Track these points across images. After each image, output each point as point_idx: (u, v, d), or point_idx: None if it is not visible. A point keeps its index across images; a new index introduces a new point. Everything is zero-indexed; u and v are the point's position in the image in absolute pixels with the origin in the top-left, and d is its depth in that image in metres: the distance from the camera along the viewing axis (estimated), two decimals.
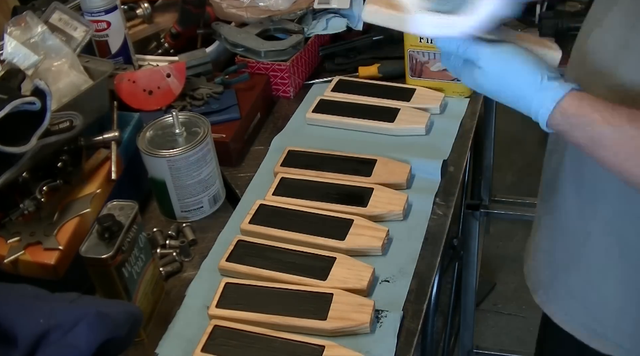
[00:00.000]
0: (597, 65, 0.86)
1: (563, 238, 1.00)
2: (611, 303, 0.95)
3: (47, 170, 1.02)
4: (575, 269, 0.98)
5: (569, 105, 0.73)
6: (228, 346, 0.90)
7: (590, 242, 0.94)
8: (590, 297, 0.98)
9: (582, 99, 0.73)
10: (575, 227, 0.96)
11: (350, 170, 1.17)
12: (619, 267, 0.92)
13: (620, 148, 0.71)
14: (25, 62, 1.10)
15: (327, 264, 1.00)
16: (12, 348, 0.72)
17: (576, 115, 0.73)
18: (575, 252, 0.97)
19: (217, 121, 1.25)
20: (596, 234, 0.92)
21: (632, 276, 0.91)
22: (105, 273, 0.88)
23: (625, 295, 0.93)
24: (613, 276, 0.93)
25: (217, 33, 1.46)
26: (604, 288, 0.95)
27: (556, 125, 0.74)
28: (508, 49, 0.76)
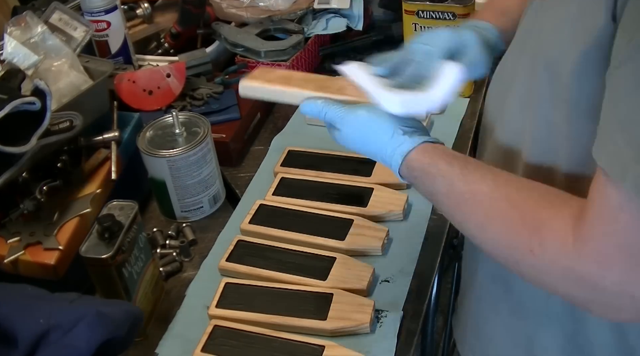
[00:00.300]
0: (487, 117, 0.90)
1: (465, 267, 1.02)
2: (499, 337, 0.94)
3: (47, 170, 1.02)
4: (469, 299, 1.00)
5: (413, 159, 0.77)
6: (228, 346, 0.90)
7: (481, 272, 0.94)
8: (480, 328, 0.98)
9: (425, 153, 0.77)
10: (470, 256, 0.98)
11: (350, 170, 1.17)
12: (503, 300, 0.91)
13: (448, 199, 0.75)
14: (25, 62, 1.10)
15: (327, 264, 1.00)
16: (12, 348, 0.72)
17: (417, 168, 0.76)
18: (469, 282, 0.98)
19: (217, 121, 1.25)
20: (485, 265, 0.93)
21: (515, 311, 0.90)
22: (105, 273, 0.88)
23: (509, 328, 0.92)
24: (497, 311, 0.93)
25: (217, 33, 1.46)
26: (491, 322, 0.95)
27: (405, 177, 0.78)
28: (362, 111, 0.80)
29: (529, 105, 0.78)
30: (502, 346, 0.94)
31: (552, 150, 0.76)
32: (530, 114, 0.78)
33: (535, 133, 0.77)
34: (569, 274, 0.64)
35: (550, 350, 0.87)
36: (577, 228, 0.63)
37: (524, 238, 0.67)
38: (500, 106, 0.85)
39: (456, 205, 0.74)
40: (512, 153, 0.82)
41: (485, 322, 0.96)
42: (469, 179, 0.73)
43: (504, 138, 0.84)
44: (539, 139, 0.77)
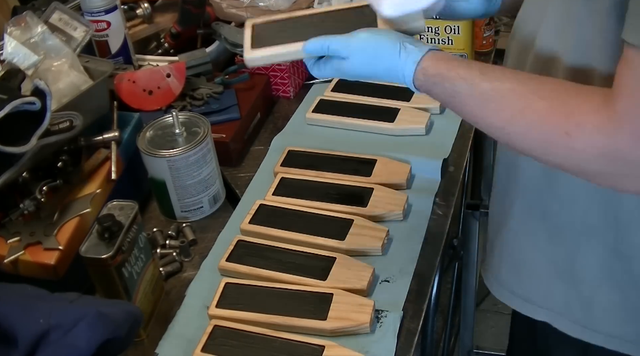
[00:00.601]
0: (521, 39, 0.91)
1: (494, 209, 1.04)
2: (540, 268, 0.96)
3: (47, 170, 1.02)
4: (503, 238, 1.01)
5: (428, 65, 0.80)
6: (228, 346, 0.90)
7: (513, 207, 0.96)
8: (519, 264, 0.99)
9: (439, 59, 0.80)
10: (501, 194, 1.00)
11: (350, 170, 1.17)
12: (540, 229, 0.94)
13: (472, 99, 0.77)
14: (25, 62, 1.10)
15: (327, 264, 1.00)
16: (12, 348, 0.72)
17: (435, 74, 0.79)
18: (503, 220, 1.00)
19: (217, 121, 1.25)
20: (518, 198, 0.95)
21: (553, 238, 0.93)
22: (105, 273, 0.88)
23: (548, 257, 0.94)
24: (535, 241, 0.95)
25: (217, 33, 1.46)
26: (530, 254, 0.97)
27: (420, 86, 0.81)
28: (364, 34, 0.83)
29: (566, 23, 0.81)
30: (544, 276, 0.96)
31: (589, 54, 0.79)
32: (568, 30, 0.80)
33: (573, 44, 0.80)
34: (606, 151, 0.68)
35: (593, 267, 0.90)
36: (608, 107, 0.68)
37: (558, 123, 0.71)
38: (534, 33, 0.87)
39: (480, 104, 0.77)
40: (546, 65, 0.84)
41: (525, 256, 0.98)
42: (491, 77, 0.76)
43: (542, 55, 0.86)
44: (577, 48, 0.80)
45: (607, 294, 0.90)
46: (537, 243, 0.95)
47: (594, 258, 0.89)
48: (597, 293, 0.91)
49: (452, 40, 1.31)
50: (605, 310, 0.92)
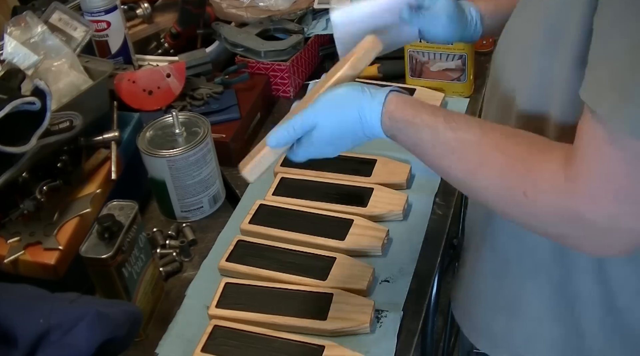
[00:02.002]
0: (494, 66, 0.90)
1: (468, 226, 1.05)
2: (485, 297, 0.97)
3: (47, 170, 1.02)
4: (463, 258, 1.04)
5: (394, 109, 0.77)
6: (228, 346, 0.90)
7: (470, 233, 1.00)
8: (468, 290, 1.01)
9: (405, 103, 0.77)
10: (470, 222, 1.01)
11: (350, 170, 1.17)
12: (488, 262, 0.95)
13: (435, 149, 0.75)
14: (25, 62, 1.10)
15: (327, 264, 1.00)
16: (12, 348, 0.72)
17: (400, 119, 0.76)
18: (467, 241, 1.02)
19: (217, 121, 1.25)
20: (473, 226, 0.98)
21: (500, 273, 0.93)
22: (105, 273, 0.88)
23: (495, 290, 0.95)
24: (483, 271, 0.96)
25: (217, 33, 1.46)
26: (478, 282, 0.98)
27: (387, 131, 0.78)
28: (322, 97, 0.79)
29: (527, 58, 0.79)
30: (488, 308, 0.97)
31: (545, 98, 0.77)
32: (527, 66, 0.79)
33: (531, 82, 0.79)
34: (562, 212, 0.67)
35: (536, 304, 0.89)
36: (566, 167, 0.66)
37: (516, 182, 0.69)
38: (501, 67, 0.86)
39: (443, 154, 0.75)
40: (507, 104, 0.83)
41: (471, 287, 1.00)
42: (455, 127, 0.74)
43: (502, 92, 0.85)
44: (534, 87, 0.79)
45: (550, 332, 0.90)
46: (485, 276, 0.96)
47: (540, 295, 0.88)
48: (540, 330, 0.91)
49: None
50: (546, 344, 0.91)
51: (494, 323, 0.96)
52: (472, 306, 1.01)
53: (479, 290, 0.98)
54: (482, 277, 0.96)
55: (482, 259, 0.95)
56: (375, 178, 1.14)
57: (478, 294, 0.99)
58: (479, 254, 0.96)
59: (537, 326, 0.91)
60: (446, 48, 1.32)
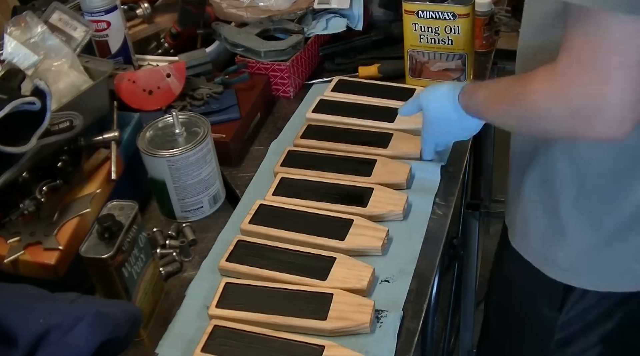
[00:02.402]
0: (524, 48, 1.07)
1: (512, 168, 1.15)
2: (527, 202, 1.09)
3: (47, 170, 1.02)
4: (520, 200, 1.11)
5: (467, 88, 1.05)
6: (228, 346, 0.90)
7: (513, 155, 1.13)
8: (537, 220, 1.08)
9: (472, 85, 1.06)
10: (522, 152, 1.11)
11: (350, 170, 1.17)
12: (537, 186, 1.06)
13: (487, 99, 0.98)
14: (25, 62, 1.10)
15: (327, 264, 1.00)
16: (12, 348, 0.72)
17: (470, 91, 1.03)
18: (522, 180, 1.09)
19: (217, 121, 1.25)
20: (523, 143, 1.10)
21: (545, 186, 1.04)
22: (105, 273, 0.88)
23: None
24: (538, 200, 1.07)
25: (217, 33, 1.46)
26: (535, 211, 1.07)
27: (463, 102, 1.04)
28: (430, 90, 1.11)
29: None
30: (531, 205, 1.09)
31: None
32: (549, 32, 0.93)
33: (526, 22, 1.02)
34: (556, 91, 0.81)
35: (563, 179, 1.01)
36: (555, 65, 0.80)
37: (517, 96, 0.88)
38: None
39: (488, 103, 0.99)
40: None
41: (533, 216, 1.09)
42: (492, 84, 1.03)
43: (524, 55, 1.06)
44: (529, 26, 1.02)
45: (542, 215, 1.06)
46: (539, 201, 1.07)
47: (532, 182, 1.07)
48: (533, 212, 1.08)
49: (452, 41, 1.31)
50: (539, 230, 1.08)
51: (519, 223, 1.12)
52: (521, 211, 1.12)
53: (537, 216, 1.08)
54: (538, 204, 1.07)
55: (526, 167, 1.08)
56: (375, 178, 1.14)
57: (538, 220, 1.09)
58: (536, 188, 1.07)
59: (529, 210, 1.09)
60: (446, 48, 1.32)
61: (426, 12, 1.30)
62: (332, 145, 1.23)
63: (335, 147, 1.22)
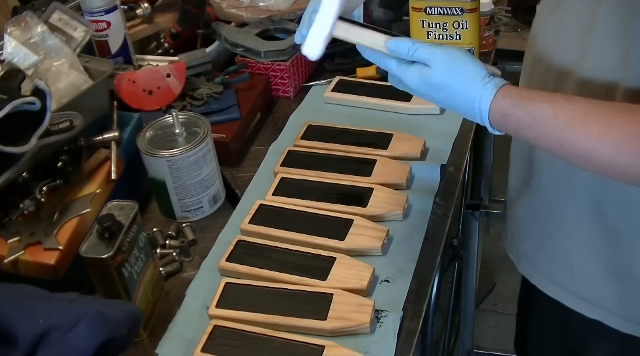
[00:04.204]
0: (555, 69, 0.92)
1: (543, 209, 1.03)
2: (594, 269, 0.98)
3: (47, 170, 1.02)
4: (557, 238, 1.01)
5: (510, 89, 0.80)
6: (228, 346, 0.90)
7: (569, 210, 0.97)
8: (574, 264, 1.00)
9: (519, 88, 0.81)
10: (554, 196, 1.00)
11: (350, 170, 1.17)
12: (597, 232, 0.95)
13: (556, 121, 0.77)
14: (25, 62, 1.10)
15: (327, 264, 1.00)
16: (12, 348, 0.72)
17: (517, 97, 0.79)
18: (556, 221, 1.01)
19: (217, 121, 1.25)
20: (574, 201, 0.96)
21: (609, 241, 0.94)
22: (105, 273, 0.88)
23: (604, 259, 0.96)
24: (591, 243, 0.96)
25: (217, 33, 1.46)
26: (585, 256, 0.98)
27: (498, 110, 0.80)
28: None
29: (624, 38, 0.82)
30: (598, 276, 0.97)
31: None
32: (628, 45, 0.82)
33: (638, 61, 0.81)
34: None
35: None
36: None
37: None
38: (578, 50, 0.88)
39: (567, 125, 0.77)
40: (606, 85, 0.85)
41: (580, 257, 0.99)
42: (574, 99, 0.78)
43: (591, 76, 0.87)
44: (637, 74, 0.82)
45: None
46: (593, 246, 0.96)
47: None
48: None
49: (459, 35, 1.32)
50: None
51: (608, 291, 0.98)
52: (578, 280, 1.01)
53: (587, 260, 0.98)
54: (590, 248, 0.97)
55: (589, 230, 0.96)
56: (375, 178, 1.14)
57: (586, 263, 0.98)
58: (584, 225, 0.96)
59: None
60: (454, 43, 1.33)
61: (434, 8, 1.30)
62: (332, 145, 1.23)
63: (335, 148, 1.22)
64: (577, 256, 0.99)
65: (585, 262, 0.98)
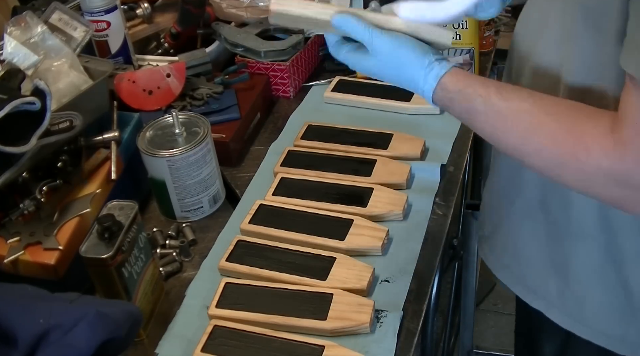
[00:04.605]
0: (517, 58, 0.95)
1: (498, 195, 1.06)
2: (538, 260, 0.99)
3: (47, 170, 1.02)
4: (507, 225, 1.03)
5: (448, 80, 0.81)
6: (228, 346, 0.90)
7: (518, 198, 0.99)
8: (521, 252, 1.02)
9: (459, 75, 0.81)
10: (507, 183, 1.02)
11: (350, 170, 1.17)
12: (541, 225, 0.96)
13: (487, 117, 0.79)
14: (25, 62, 1.10)
15: (327, 264, 1.00)
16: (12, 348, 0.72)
17: (453, 90, 0.80)
18: (507, 208, 1.02)
19: (217, 121, 1.25)
20: (523, 191, 0.98)
21: (552, 235, 0.96)
22: (105, 273, 0.88)
23: (547, 252, 0.98)
24: (536, 235, 0.98)
25: (217, 33, 1.46)
26: (530, 247, 1.00)
27: (439, 100, 0.82)
28: (399, 38, 0.82)
29: (566, 41, 0.84)
30: (542, 268, 0.99)
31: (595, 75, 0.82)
32: (569, 47, 0.84)
33: (576, 62, 0.84)
34: (612, 175, 0.72)
35: (586, 268, 0.94)
36: (614, 133, 0.71)
37: (568, 147, 0.74)
38: (533, 44, 0.91)
39: (495, 122, 0.79)
40: (551, 82, 0.87)
41: (525, 248, 1.01)
42: (507, 97, 0.78)
43: (541, 69, 0.89)
44: (581, 67, 0.83)
45: (599, 295, 0.94)
46: (537, 238, 0.98)
47: (588, 260, 0.93)
48: (589, 293, 0.95)
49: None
50: (595, 308, 0.95)
51: (548, 286, 0.99)
52: (524, 266, 1.02)
53: (532, 252, 1.00)
54: (534, 240, 0.98)
55: (533, 223, 0.97)
56: (375, 178, 1.14)
57: (531, 255, 1.00)
58: (529, 217, 0.98)
59: (586, 289, 0.95)
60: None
61: None
62: (332, 145, 1.23)
63: (335, 148, 1.22)
64: (523, 245, 1.01)
65: (531, 252, 1.00)
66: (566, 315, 0.99)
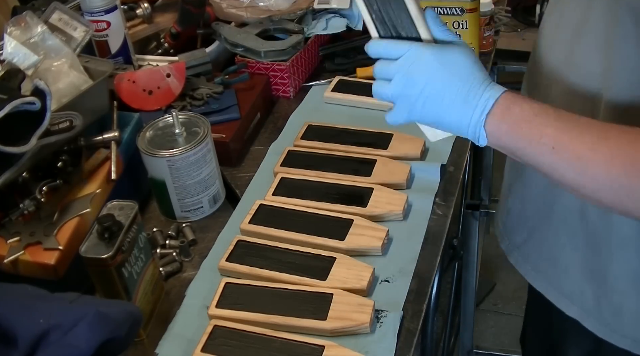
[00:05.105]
0: (547, 69, 0.92)
1: (532, 202, 1.04)
2: (575, 267, 0.98)
3: (47, 170, 1.02)
4: (545, 232, 1.02)
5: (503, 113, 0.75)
6: (228, 346, 0.90)
7: (556, 205, 0.98)
8: (557, 259, 1.01)
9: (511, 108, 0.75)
10: (543, 189, 1.00)
11: (350, 170, 1.17)
12: (580, 232, 0.96)
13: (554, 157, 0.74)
14: (25, 62, 1.10)
15: (327, 264, 1.00)
16: (12, 348, 0.72)
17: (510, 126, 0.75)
18: (543, 215, 1.01)
19: (217, 121, 1.25)
20: (561, 198, 0.97)
21: (590, 243, 0.95)
22: (105, 273, 0.88)
23: (585, 259, 0.97)
24: (574, 242, 0.97)
25: (217, 33, 1.46)
26: (568, 253, 0.99)
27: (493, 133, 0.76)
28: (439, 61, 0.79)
29: (609, 46, 0.81)
30: (579, 275, 0.98)
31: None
32: (612, 54, 0.81)
33: (620, 72, 0.80)
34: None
35: (625, 276, 0.93)
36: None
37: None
38: (569, 52, 0.88)
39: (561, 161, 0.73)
40: (589, 93, 0.84)
41: (563, 253, 1.00)
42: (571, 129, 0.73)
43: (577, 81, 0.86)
44: (625, 78, 0.79)
45: (636, 303, 0.93)
46: (575, 246, 0.97)
47: (626, 268, 0.92)
48: (627, 301, 0.94)
49: (459, 35, 1.32)
50: (633, 317, 0.94)
51: (584, 293, 0.98)
52: (561, 276, 1.01)
53: (569, 257, 0.99)
54: (573, 246, 0.97)
55: (573, 229, 0.96)
56: (375, 178, 1.14)
57: (568, 261, 0.99)
58: (568, 223, 0.96)
59: (624, 297, 0.94)
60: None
61: (434, 8, 1.30)
62: (332, 145, 1.23)
63: (335, 148, 1.22)
64: (560, 252, 1.00)
65: (568, 259, 0.99)
66: (602, 323, 0.98)
